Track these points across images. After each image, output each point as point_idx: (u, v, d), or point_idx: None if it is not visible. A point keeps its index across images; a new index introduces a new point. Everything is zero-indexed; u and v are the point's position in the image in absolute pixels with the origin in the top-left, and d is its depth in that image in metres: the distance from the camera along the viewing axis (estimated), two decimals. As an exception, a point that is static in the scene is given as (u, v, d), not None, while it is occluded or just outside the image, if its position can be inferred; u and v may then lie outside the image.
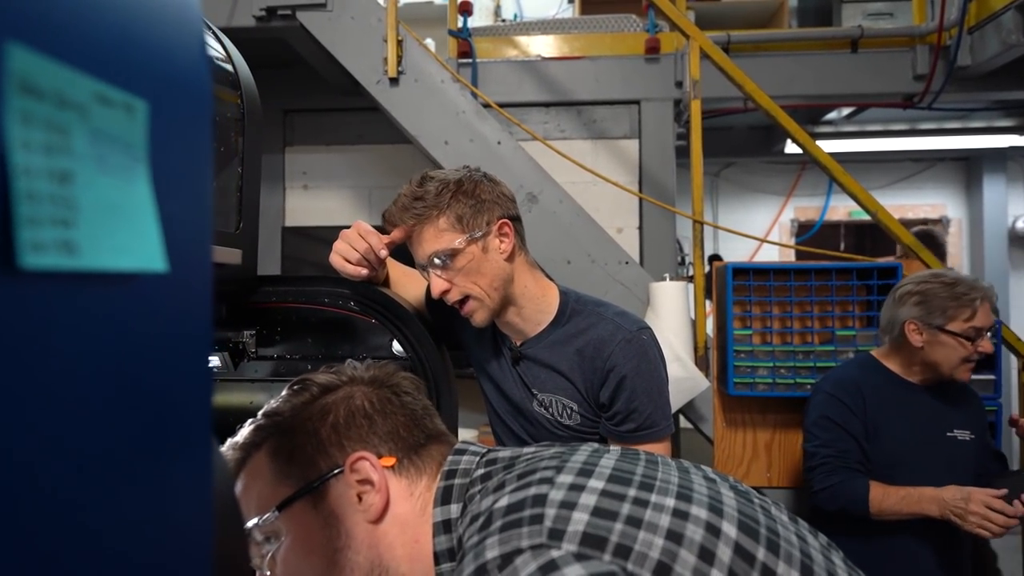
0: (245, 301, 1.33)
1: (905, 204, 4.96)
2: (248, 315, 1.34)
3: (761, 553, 0.57)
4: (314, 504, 0.68)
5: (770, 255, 4.95)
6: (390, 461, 0.70)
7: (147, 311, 0.36)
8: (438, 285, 1.17)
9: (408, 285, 1.37)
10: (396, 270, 1.38)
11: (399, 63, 2.37)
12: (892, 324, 1.79)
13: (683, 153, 2.98)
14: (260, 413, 0.75)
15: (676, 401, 2.24)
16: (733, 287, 2.20)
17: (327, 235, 3.13)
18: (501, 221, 1.18)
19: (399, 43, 2.37)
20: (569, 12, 4.05)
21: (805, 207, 5.03)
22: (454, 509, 0.67)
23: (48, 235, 0.28)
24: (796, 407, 2.28)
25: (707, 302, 2.38)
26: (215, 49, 1.32)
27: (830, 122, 3.84)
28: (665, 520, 0.57)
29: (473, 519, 0.61)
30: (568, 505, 0.57)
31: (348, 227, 1.26)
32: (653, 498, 0.59)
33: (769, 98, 2.32)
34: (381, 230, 1.25)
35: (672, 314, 2.24)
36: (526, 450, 0.71)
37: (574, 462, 0.64)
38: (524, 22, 3.57)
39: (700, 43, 2.32)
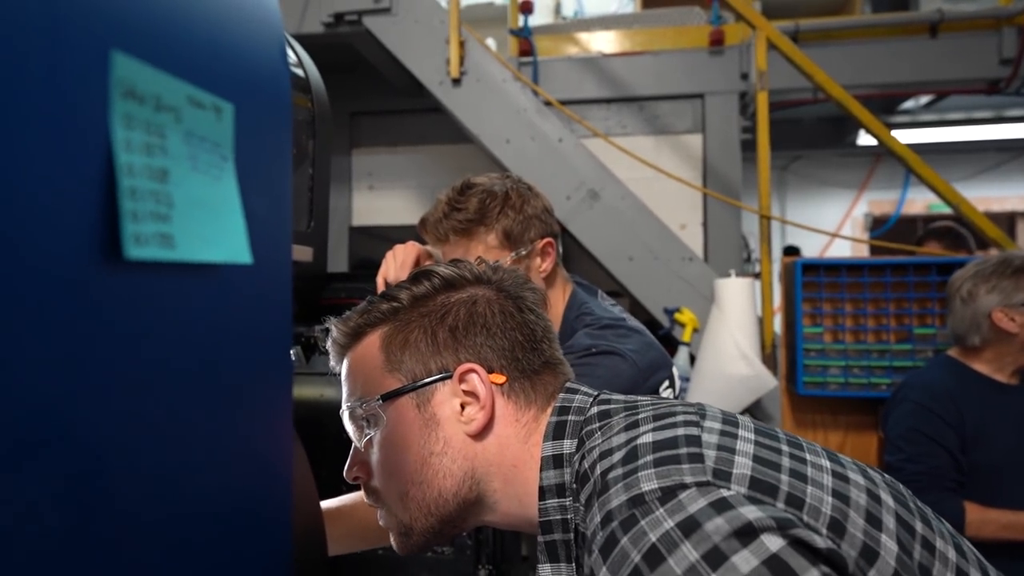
0: (317, 297, 1.38)
1: (990, 196, 4.69)
2: (320, 311, 1.39)
3: (919, 525, 0.54)
4: (418, 403, 0.68)
5: (842, 251, 4.77)
6: (500, 379, 0.68)
7: (235, 300, 0.38)
8: None
9: None
10: None
11: (461, 64, 2.40)
12: (976, 323, 1.70)
13: (749, 147, 2.91)
14: (380, 294, 0.73)
15: (742, 400, 2.19)
16: (803, 284, 2.13)
17: (392, 234, 3.20)
18: (546, 241, 1.15)
19: (461, 44, 2.40)
20: (630, 7, 4.01)
21: (880, 200, 4.82)
22: (567, 444, 0.64)
23: (148, 229, 0.30)
24: (869, 408, 2.19)
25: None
26: (289, 55, 1.37)
27: (907, 111, 3.67)
28: (828, 480, 0.54)
29: (604, 454, 0.58)
30: (726, 449, 0.54)
31: (413, 226, 1.26)
32: (809, 456, 0.56)
33: (841, 88, 2.24)
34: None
35: (738, 311, 2.19)
36: (642, 398, 0.68)
37: (714, 411, 0.62)
38: (585, 19, 3.56)
39: (767, 33, 2.26)
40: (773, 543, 0.47)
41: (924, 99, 3.47)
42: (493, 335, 0.69)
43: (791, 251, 4.39)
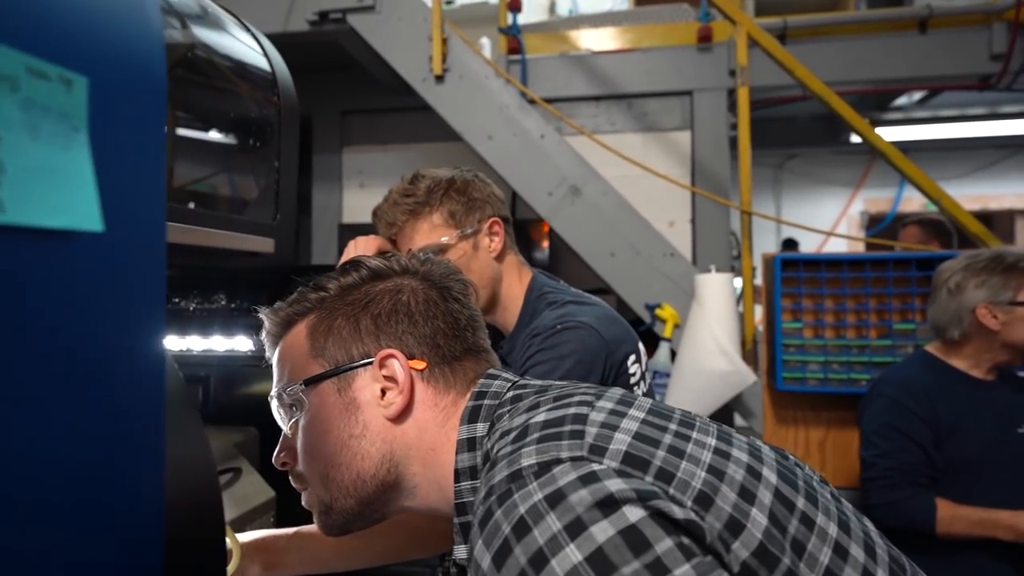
0: (282, 287, 1.39)
1: (988, 194, 4.66)
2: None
3: (800, 502, 0.56)
4: (339, 388, 0.69)
5: (839, 250, 4.75)
6: (420, 365, 0.70)
7: (89, 267, 0.39)
8: None
9: None
10: None
11: (444, 61, 2.42)
12: (958, 317, 1.69)
13: (738, 144, 2.91)
14: (311, 283, 0.75)
15: (721, 395, 2.20)
16: (782, 279, 2.13)
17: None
18: (492, 219, 1.19)
19: (444, 41, 2.41)
20: (625, 5, 4.02)
21: (876, 199, 4.80)
22: (480, 428, 0.66)
23: (-31, 190, 0.31)
24: (851, 404, 2.18)
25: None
26: (253, 49, 1.38)
27: (900, 108, 3.66)
28: (707, 456, 0.56)
29: (504, 434, 0.61)
30: (609, 426, 0.56)
31: None
32: (694, 435, 0.58)
33: (822, 84, 2.24)
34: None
35: (718, 306, 2.19)
36: (558, 382, 0.71)
37: (613, 393, 0.64)
38: (574, 17, 3.56)
39: (747, 28, 2.27)
40: (633, 514, 0.48)
41: (917, 96, 3.46)
42: (415, 322, 0.71)
43: (790, 244, 4.38)
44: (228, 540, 0.80)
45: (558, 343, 1.03)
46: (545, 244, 3.39)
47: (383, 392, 0.69)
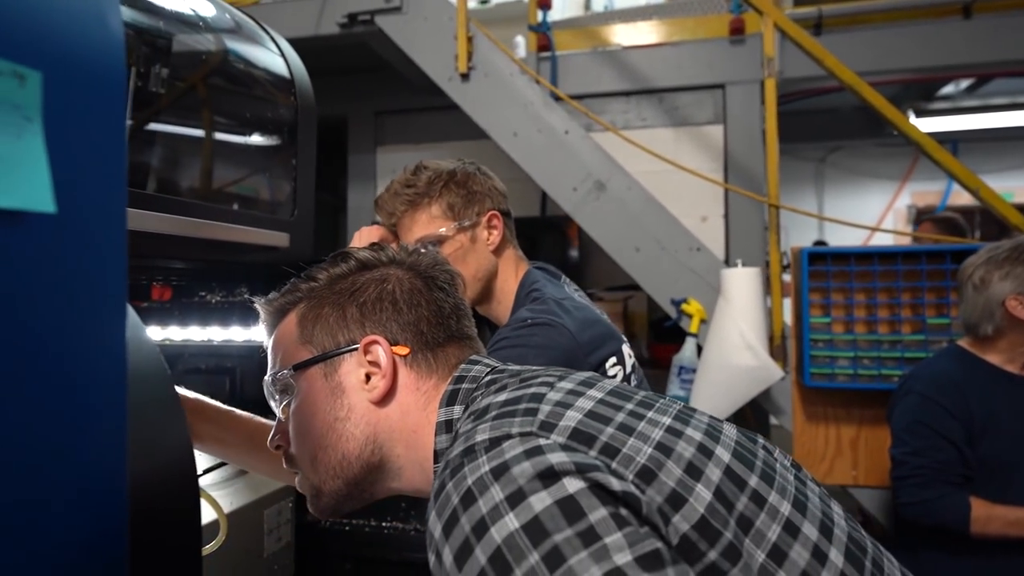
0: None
1: (1048, 185, 4.43)
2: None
3: (753, 480, 0.57)
4: (325, 373, 0.73)
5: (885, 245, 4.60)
6: (403, 351, 0.72)
7: (45, 245, 0.43)
8: None
9: None
10: None
11: (469, 59, 2.45)
12: (988, 312, 1.63)
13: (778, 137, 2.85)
14: (303, 274, 0.80)
15: (748, 391, 2.16)
16: (809, 273, 2.09)
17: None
18: (491, 213, 1.20)
19: (469, 40, 2.44)
20: (660, -1, 3.98)
21: (924, 192, 4.62)
22: (456, 410, 0.69)
23: (-83, 172, 0.35)
24: (884, 401, 2.11)
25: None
26: (272, 51, 1.44)
27: (948, 97, 3.52)
28: (657, 434, 0.58)
29: (471, 415, 0.64)
30: (563, 405, 0.59)
31: None
32: (649, 414, 0.60)
33: (854, 73, 2.18)
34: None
35: (744, 301, 2.16)
36: (532, 368, 0.73)
37: (578, 375, 0.67)
38: (607, 12, 3.55)
39: (775, 18, 2.22)
40: (572, 485, 0.50)
41: (964, 84, 3.33)
42: (400, 310, 0.74)
43: (819, 245, 4.27)
44: (218, 519, 0.83)
45: (525, 336, 1.03)
46: (576, 241, 3.40)
47: (368, 377, 0.72)
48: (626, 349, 1.15)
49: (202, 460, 1.26)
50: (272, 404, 0.79)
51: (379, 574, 1.54)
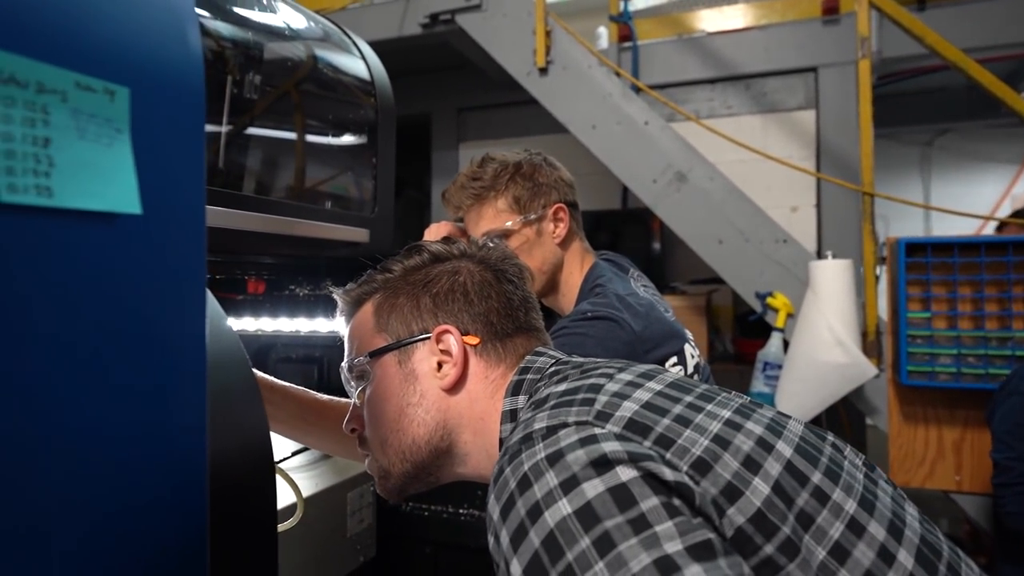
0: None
1: None
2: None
3: (816, 477, 0.56)
4: (399, 360, 0.76)
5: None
6: (474, 340, 0.75)
7: (132, 244, 0.48)
8: None
9: None
10: None
11: (547, 53, 2.45)
12: None
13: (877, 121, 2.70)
14: (378, 266, 0.83)
15: (838, 389, 2.07)
16: (907, 265, 1.97)
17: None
18: (557, 205, 1.19)
19: (548, 34, 2.45)
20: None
21: (1048, 176, 4.23)
22: (521, 400, 0.70)
23: (23, 181, 0.40)
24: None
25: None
26: (352, 54, 1.50)
27: (1073, 72, 3.21)
28: (715, 427, 0.57)
29: (532, 404, 0.65)
30: (620, 396, 0.60)
31: None
32: (709, 407, 0.60)
33: (959, 50, 2.03)
34: None
35: (834, 295, 2.07)
36: (598, 360, 0.74)
37: (639, 367, 0.67)
38: (691, -2, 3.46)
39: (870, -4, 2.10)
40: (625, 474, 0.51)
41: (1095, 56, 3.02)
42: (471, 301, 0.77)
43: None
44: (295, 497, 0.89)
45: (584, 326, 1.03)
46: (658, 233, 3.34)
47: (439, 365, 0.75)
48: (689, 348, 1.12)
49: (289, 444, 1.34)
50: (348, 390, 0.82)
51: (456, 559, 1.59)
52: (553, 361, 0.74)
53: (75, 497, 0.44)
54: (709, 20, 3.13)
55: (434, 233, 1.28)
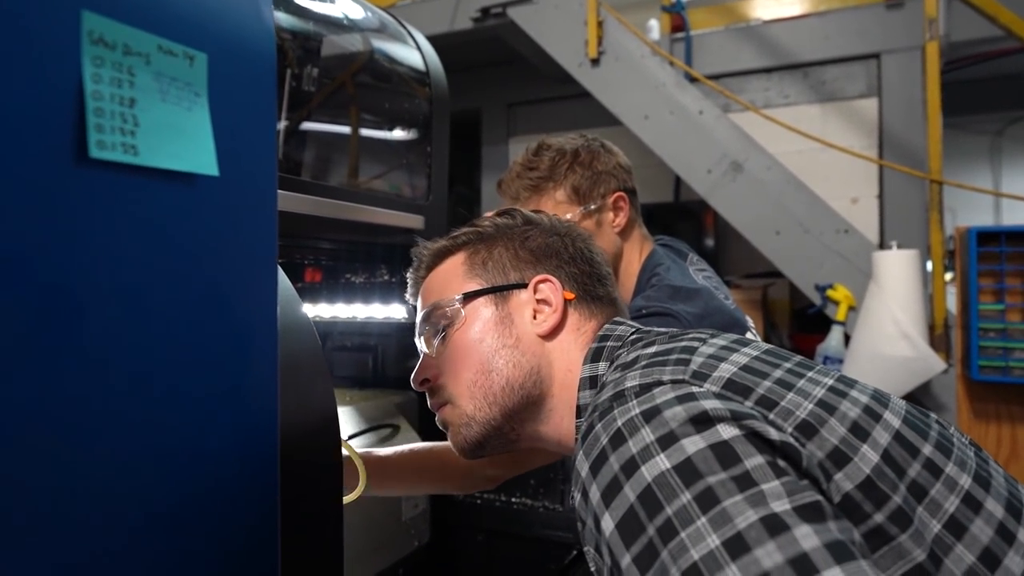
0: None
1: None
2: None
3: (927, 449, 0.54)
4: (496, 302, 0.76)
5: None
6: (570, 295, 0.76)
7: (208, 202, 0.49)
8: None
9: None
10: None
11: (599, 44, 2.43)
12: None
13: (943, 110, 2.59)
14: (465, 224, 0.83)
15: (904, 384, 1.99)
16: (979, 255, 1.88)
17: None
18: (616, 194, 1.15)
19: (600, 24, 2.43)
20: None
21: None
22: (602, 367, 0.70)
23: (111, 139, 0.41)
24: (1073, 400, 1.87)
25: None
26: (409, 45, 1.52)
27: None
28: (819, 392, 0.55)
29: (618, 367, 0.63)
30: (716, 358, 0.58)
31: None
32: (809, 374, 0.58)
33: (1036, 28, 1.93)
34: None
35: (899, 287, 1.99)
36: (690, 330, 0.73)
37: (732, 335, 0.66)
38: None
39: (938, -25, 2.02)
40: (727, 431, 0.49)
41: None
42: (565, 262, 0.79)
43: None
44: (359, 468, 0.90)
45: (640, 323, 1.01)
46: (712, 227, 3.28)
47: (535, 315, 0.75)
48: (751, 336, 1.09)
49: (346, 427, 1.36)
50: (419, 342, 0.80)
51: (509, 547, 1.59)
52: (634, 329, 0.73)
53: (157, 449, 0.45)
54: (764, 8, 3.06)
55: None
